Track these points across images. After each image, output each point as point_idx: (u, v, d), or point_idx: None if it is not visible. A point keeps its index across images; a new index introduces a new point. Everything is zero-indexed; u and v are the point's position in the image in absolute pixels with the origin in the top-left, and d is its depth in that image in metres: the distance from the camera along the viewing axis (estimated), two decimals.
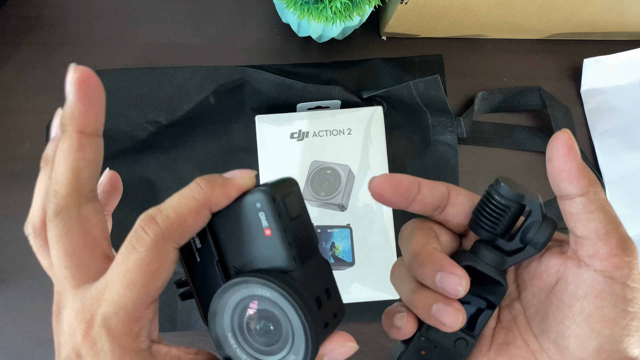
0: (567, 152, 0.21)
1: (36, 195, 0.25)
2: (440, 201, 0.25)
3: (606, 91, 0.51)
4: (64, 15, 0.50)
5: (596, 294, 0.22)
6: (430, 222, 0.26)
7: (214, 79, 0.47)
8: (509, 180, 0.24)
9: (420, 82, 0.45)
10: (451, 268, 0.22)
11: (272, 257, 0.21)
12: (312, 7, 0.39)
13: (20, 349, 0.46)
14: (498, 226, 0.23)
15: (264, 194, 0.21)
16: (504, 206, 0.23)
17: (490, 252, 0.24)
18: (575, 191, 0.22)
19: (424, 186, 0.25)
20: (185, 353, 0.23)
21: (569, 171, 0.22)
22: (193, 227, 0.21)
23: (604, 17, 0.47)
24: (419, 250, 0.24)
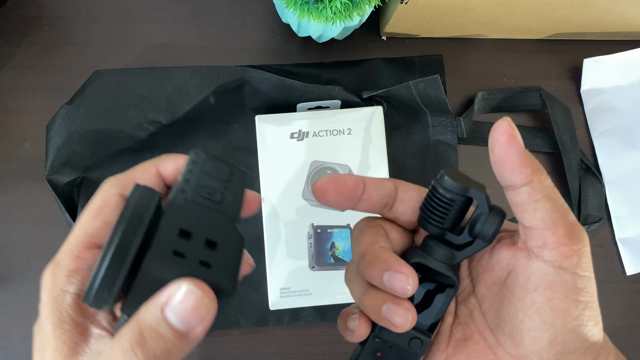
0: (508, 140, 0.21)
1: None
2: (388, 198, 0.24)
3: (606, 91, 0.51)
4: (64, 15, 0.50)
5: (546, 285, 0.22)
6: (380, 220, 0.25)
7: (214, 79, 0.47)
8: (453, 173, 0.23)
9: (420, 82, 0.45)
10: (398, 267, 0.22)
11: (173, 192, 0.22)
12: (312, 7, 0.39)
13: (21, 349, 0.46)
14: (445, 221, 0.23)
15: (193, 150, 0.23)
16: (449, 200, 0.22)
17: (440, 248, 0.23)
18: (518, 181, 0.21)
19: (370, 185, 0.24)
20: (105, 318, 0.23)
21: (510, 160, 0.21)
22: (139, 180, 0.24)
23: (604, 17, 0.47)
24: (367, 249, 0.23)
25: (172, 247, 0.19)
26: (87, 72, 0.47)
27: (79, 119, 0.46)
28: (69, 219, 0.46)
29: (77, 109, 0.46)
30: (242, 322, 0.47)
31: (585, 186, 0.49)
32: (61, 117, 0.46)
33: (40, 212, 0.47)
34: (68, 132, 0.46)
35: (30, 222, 0.47)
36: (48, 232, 0.47)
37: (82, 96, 0.46)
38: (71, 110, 0.46)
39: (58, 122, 0.46)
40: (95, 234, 0.22)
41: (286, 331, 0.47)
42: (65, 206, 0.45)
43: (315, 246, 0.45)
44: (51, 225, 0.47)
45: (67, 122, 0.46)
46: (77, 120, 0.46)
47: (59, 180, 0.46)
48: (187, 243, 0.19)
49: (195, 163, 0.22)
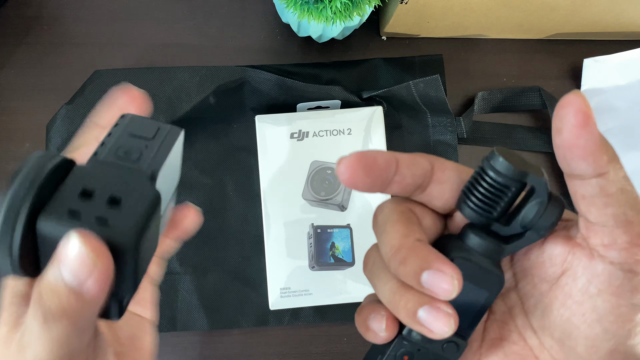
0: (583, 122, 0.17)
1: None
2: (423, 179, 0.21)
3: (606, 91, 0.51)
4: (64, 15, 0.50)
5: (613, 291, 0.19)
6: (409, 203, 0.22)
7: (214, 79, 0.47)
8: (507, 153, 0.19)
9: (420, 82, 0.45)
10: (440, 265, 0.19)
11: None
12: (312, 7, 0.39)
13: None
14: (494, 209, 0.20)
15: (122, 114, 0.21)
16: (503, 186, 0.19)
17: (484, 240, 0.20)
18: (591, 171, 0.18)
19: (403, 163, 0.21)
20: None
21: (584, 147, 0.17)
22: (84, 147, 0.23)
23: (604, 17, 0.47)
24: (400, 243, 0.20)
25: (68, 206, 0.18)
26: (87, 72, 0.47)
27: (79, 119, 0.46)
28: None
29: (77, 109, 0.46)
30: (242, 322, 0.47)
31: None
32: (61, 117, 0.46)
33: None
34: (68, 132, 0.46)
35: None
36: None
37: (82, 96, 0.46)
38: (71, 110, 0.46)
39: (58, 122, 0.46)
40: None
41: (286, 331, 0.47)
42: None
43: (315, 246, 0.45)
44: None
45: (67, 122, 0.46)
46: (77, 120, 0.46)
47: None
48: (86, 202, 0.18)
49: (117, 126, 0.21)
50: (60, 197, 0.18)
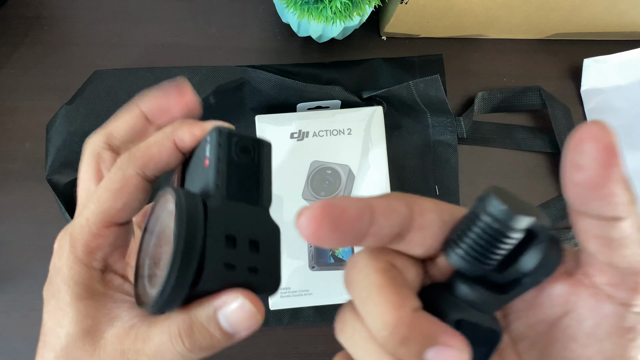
0: (610, 161, 0.15)
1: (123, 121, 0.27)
2: (401, 227, 0.18)
3: (606, 91, 0.51)
4: (64, 15, 0.50)
5: (622, 334, 0.17)
6: (388, 255, 0.19)
7: (214, 79, 0.47)
8: (504, 195, 0.17)
9: (420, 82, 0.45)
10: (447, 340, 0.16)
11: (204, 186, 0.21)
12: (312, 7, 0.39)
13: (21, 349, 0.46)
14: (492, 260, 0.17)
15: (215, 128, 0.21)
16: (504, 236, 0.17)
17: (479, 294, 0.18)
18: (611, 213, 0.16)
19: (379, 211, 0.17)
20: None
21: (608, 188, 0.15)
22: (157, 157, 0.23)
23: (604, 17, 0.47)
24: (396, 319, 0.16)
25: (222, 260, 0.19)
26: (87, 72, 0.47)
27: (79, 119, 0.46)
28: (69, 219, 0.46)
29: (77, 109, 0.46)
30: None
31: None
32: (61, 117, 0.46)
33: (40, 212, 0.47)
34: (68, 132, 0.46)
35: (30, 222, 0.47)
36: (48, 232, 0.47)
37: (82, 96, 0.46)
38: (71, 110, 0.46)
39: (58, 122, 0.46)
40: (115, 215, 0.23)
41: (286, 331, 0.47)
42: (65, 206, 0.45)
43: (315, 246, 0.45)
44: (51, 225, 0.47)
45: (67, 122, 0.46)
46: (77, 120, 0.46)
47: (59, 180, 0.46)
48: (234, 251, 0.19)
49: (221, 147, 0.21)
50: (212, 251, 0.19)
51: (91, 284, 0.23)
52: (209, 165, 0.21)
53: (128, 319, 0.22)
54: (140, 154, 0.23)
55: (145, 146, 0.23)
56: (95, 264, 0.23)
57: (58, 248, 0.23)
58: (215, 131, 0.21)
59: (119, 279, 0.24)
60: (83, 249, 0.23)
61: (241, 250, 0.19)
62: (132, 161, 0.23)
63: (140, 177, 0.23)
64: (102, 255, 0.23)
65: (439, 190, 0.49)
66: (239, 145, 0.21)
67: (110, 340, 0.22)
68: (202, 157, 0.22)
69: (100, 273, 0.23)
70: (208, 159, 0.21)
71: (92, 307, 0.22)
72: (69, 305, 0.22)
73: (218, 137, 0.21)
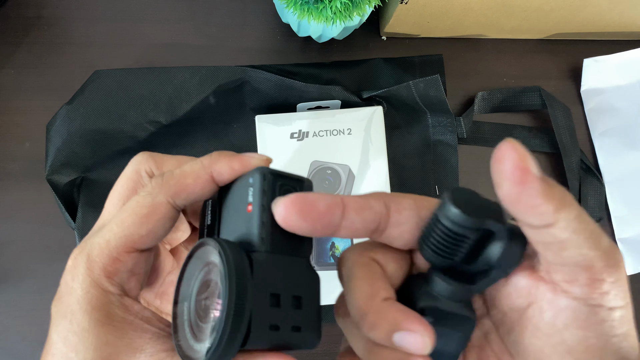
0: (521, 178, 0.17)
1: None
2: (377, 224, 0.20)
3: (606, 91, 0.51)
4: (64, 15, 0.50)
5: (579, 325, 0.19)
6: (371, 251, 0.21)
7: (214, 79, 0.47)
8: (462, 198, 0.19)
9: (420, 82, 0.45)
10: (409, 325, 0.18)
11: (246, 234, 0.20)
12: (312, 7, 0.39)
13: (20, 349, 0.46)
14: (455, 255, 0.19)
15: (258, 170, 0.21)
16: (461, 235, 0.19)
17: (450, 284, 0.20)
18: (538, 223, 0.18)
19: (351, 208, 0.19)
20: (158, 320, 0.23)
21: (526, 203, 0.17)
22: (191, 188, 0.22)
23: (604, 17, 0.47)
24: (367, 307, 0.19)
25: (268, 322, 0.19)
26: (87, 72, 0.47)
27: (79, 119, 0.46)
28: (69, 219, 0.46)
29: (77, 109, 0.46)
30: None
31: (585, 186, 0.49)
32: (61, 117, 0.46)
33: (40, 212, 0.47)
34: (68, 132, 0.46)
35: (30, 222, 0.47)
36: (48, 232, 0.47)
37: (82, 96, 0.46)
38: (71, 110, 0.46)
39: (58, 122, 0.46)
40: (138, 241, 0.22)
41: None
42: (65, 206, 0.45)
43: (315, 246, 0.45)
44: (51, 225, 0.47)
45: (67, 122, 0.46)
46: (77, 120, 0.46)
47: (59, 180, 0.46)
48: (278, 311, 0.19)
49: (265, 193, 0.20)
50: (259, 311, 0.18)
51: (110, 308, 0.22)
52: (252, 212, 0.20)
53: (153, 353, 0.21)
54: (173, 182, 0.22)
55: (180, 174, 0.22)
56: (113, 288, 0.22)
57: (72, 267, 0.22)
58: (260, 174, 0.20)
59: (138, 305, 0.23)
60: (101, 272, 0.22)
61: (285, 309, 0.19)
62: (165, 188, 0.22)
63: (170, 206, 0.22)
64: (119, 280, 0.22)
65: (439, 190, 0.49)
66: (283, 189, 0.21)
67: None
68: (244, 199, 0.21)
69: (119, 297, 0.22)
70: (251, 204, 0.20)
71: (112, 335, 0.21)
72: (87, 331, 0.21)
73: (262, 182, 0.20)
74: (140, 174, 0.25)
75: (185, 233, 0.28)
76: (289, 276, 0.20)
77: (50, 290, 0.46)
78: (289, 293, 0.20)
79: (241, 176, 0.22)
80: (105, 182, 0.47)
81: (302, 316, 0.20)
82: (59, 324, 0.22)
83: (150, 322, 0.22)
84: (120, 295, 0.22)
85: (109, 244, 0.22)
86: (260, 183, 0.20)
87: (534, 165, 0.17)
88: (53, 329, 0.22)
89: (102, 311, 0.21)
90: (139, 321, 0.22)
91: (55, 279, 0.47)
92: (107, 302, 0.22)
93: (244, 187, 0.21)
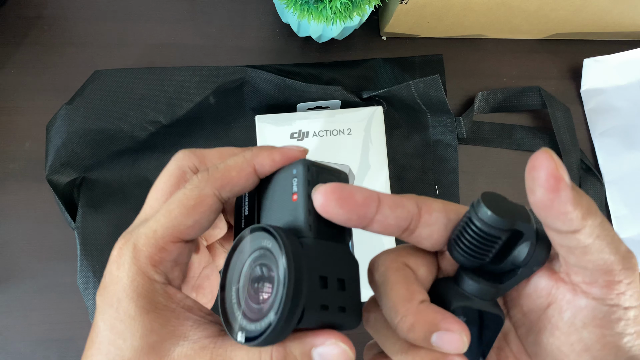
0: (554, 186, 0.18)
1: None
2: (408, 222, 0.21)
3: (606, 91, 0.51)
4: (64, 15, 0.50)
5: (597, 324, 0.20)
6: (403, 256, 0.22)
7: (214, 79, 0.47)
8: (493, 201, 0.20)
9: (420, 82, 0.45)
10: (447, 325, 0.19)
11: (292, 221, 0.22)
12: (312, 7, 0.39)
13: (20, 349, 0.46)
14: (486, 256, 0.20)
15: (302, 162, 0.22)
16: (492, 236, 0.20)
17: (480, 283, 0.21)
18: (566, 228, 0.19)
19: (386, 204, 0.21)
20: (198, 308, 0.24)
21: (557, 209, 0.18)
22: (235, 181, 0.23)
23: (604, 17, 0.47)
24: (405, 309, 0.20)
25: (319, 302, 0.20)
26: (87, 72, 0.47)
27: (79, 119, 0.46)
28: (69, 219, 0.46)
29: (77, 109, 0.46)
30: None
31: (585, 186, 0.49)
32: (61, 117, 0.46)
33: (40, 212, 0.47)
34: (68, 132, 0.46)
35: (30, 222, 0.47)
36: (48, 232, 0.47)
37: (82, 96, 0.46)
38: (71, 110, 0.46)
39: (58, 122, 0.46)
40: (185, 231, 0.23)
41: None
42: (65, 206, 0.45)
43: None
44: (51, 225, 0.47)
45: (67, 122, 0.46)
46: (77, 120, 0.46)
47: (59, 180, 0.46)
48: (326, 292, 0.20)
49: (310, 184, 0.22)
50: (311, 292, 0.20)
51: (154, 296, 0.22)
52: (297, 201, 0.21)
53: (196, 339, 0.22)
54: (219, 175, 0.23)
55: (224, 168, 0.23)
56: (158, 277, 0.23)
57: (117, 256, 0.23)
58: (303, 166, 0.22)
59: (180, 294, 0.23)
60: (147, 261, 0.22)
61: (332, 290, 0.21)
62: (211, 181, 0.23)
63: (215, 198, 0.23)
64: (164, 269, 0.23)
65: (439, 190, 0.49)
66: (324, 179, 0.22)
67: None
68: (288, 190, 0.22)
69: (163, 286, 0.23)
70: (297, 194, 0.22)
71: (156, 322, 0.22)
72: (132, 318, 0.22)
73: (306, 173, 0.22)
74: (183, 170, 0.25)
75: (223, 230, 0.29)
76: (333, 260, 0.21)
77: (50, 290, 0.46)
78: (335, 276, 0.21)
79: (282, 168, 0.23)
80: (105, 182, 0.47)
81: (346, 298, 0.21)
82: (105, 312, 0.22)
83: (192, 310, 0.23)
84: (164, 284, 0.23)
85: (155, 234, 0.22)
86: (304, 174, 0.22)
87: (566, 175, 0.18)
88: (99, 317, 0.23)
89: (147, 299, 0.22)
90: (181, 309, 0.23)
91: (55, 279, 0.47)
92: (152, 290, 0.22)
93: (287, 178, 0.22)
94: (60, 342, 0.46)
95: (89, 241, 0.46)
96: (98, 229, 0.46)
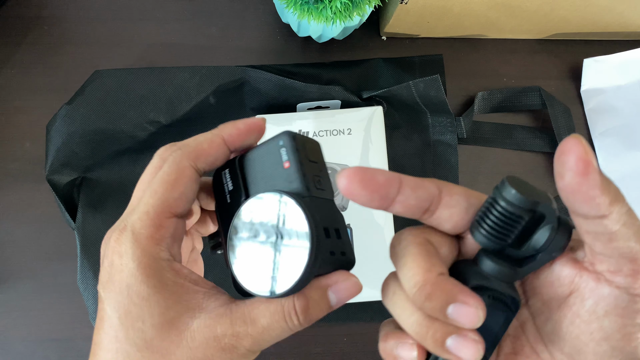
0: (584, 170, 0.18)
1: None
2: (429, 203, 0.22)
3: (606, 91, 0.51)
4: (64, 15, 0.50)
5: (619, 313, 0.20)
6: (426, 233, 0.23)
7: (214, 79, 0.47)
8: (517, 182, 0.20)
9: (420, 82, 0.45)
10: (464, 298, 0.20)
11: (288, 186, 0.24)
12: (312, 7, 0.39)
13: (20, 349, 0.46)
14: (508, 237, 0.21)
15: (287, 134, 0.24)
16: (516, 216, 0.20)
17: (499, 265, 0.21)
18: (593, 213, 0.19)
19: (407, 185, 0.21)
20: (203, 282, 0.25)
21: (586, 193, 0.18)
22: (208, 151, 0.25)
23: (604, 17, 0.47)
24: (424, 279, 0.20)
25: (328, 249, 0.23)
26: (87, 72, 0.47)
27: (79, 119, 0.46)
28: (69, 219, 0.46)
29: (77, 109, 0.46)
30: None
31: None
32: (61, 117, 0.46)
33: (40, 212, 0.47)
34: (68, 132, 0.46)
35: (30, 222, 0.47)
36: (48, 232, 0.47)
37: (82, 96, 0.46)
38: (71, 110, 0.46)
39: (58, 122, 0.46)
40: (174, 204, 0.24)
41: None
42: (65, 206, 0.45)
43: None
44: (51, 225, 0.47)
45: (67, 122, 0.46)
46: (77, 120, 0.46)
47: (59, 180, 0.46)
48: (330, 241, 0.23)
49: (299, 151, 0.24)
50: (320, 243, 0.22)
51: (163, 274, 0.23)
52: (290, 168, 0.24)
53: (212, 309, 0.23)
54: (191, 149, 0.25)
55: (195, 142, 0.25)
56: (163, 254, 0.24)
57: (116, 245, 0.23)
58: (289, 136, 0.24)
59: (186, 269, 0.24)
60: (148, 241, 0.23)
61: (333, 239, 0.23)
62: (185, 155, 0.25)
63: (193, 169, 0.25)
64: (166, 245, 0.24)
65: None
66: (308, 147, 0.25)
67: (199, 331, 0.23)
68: (277, 160, 0.24)
69: (169, 263, 0.24)
70: (288, 162, 0.24)
71: (170, 300, 0.23)
72: (146, 299, 0.22)
73: (293, 141, 0.24)
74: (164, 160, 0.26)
75: (197, 215, 0.30)
76: (328, 214, 0.24)
77: (50, 291, 0.46)
78: (332, 227, 0.24)
79: (264, 143, 0.26)
80: (105, 182, 0.47)
81: (344, 243, 0.24)
82: (114, 301, 0.23)
83: (199, 284, 0.24)
84: (170, 261, 0.24)
85: (149, 215, 0.23)
86: (292, 143, 0.24)
87: (595, 160, 0.18)
88: (108, 307, 0.23)
89: (156, 277, 0.23)
90: (190, 284, 0.24)
91: (55, 279, 0.47)
92: (160, 268, 0.23)
93: (273, 150, 0.25)
94: (60, 342, 0.46)
95: (89, 241, 0.46)
96: (98, 229, 0.46)
